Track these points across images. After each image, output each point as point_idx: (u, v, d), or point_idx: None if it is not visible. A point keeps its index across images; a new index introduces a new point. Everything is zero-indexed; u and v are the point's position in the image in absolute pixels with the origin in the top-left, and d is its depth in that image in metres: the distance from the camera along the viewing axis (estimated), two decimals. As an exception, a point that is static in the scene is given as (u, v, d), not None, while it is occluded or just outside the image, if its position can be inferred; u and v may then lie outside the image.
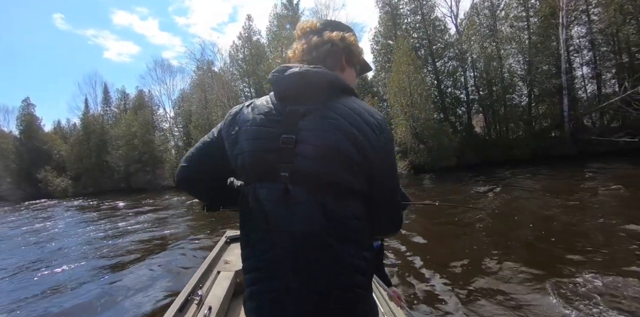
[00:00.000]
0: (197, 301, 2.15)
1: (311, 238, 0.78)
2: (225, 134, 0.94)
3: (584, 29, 19.52)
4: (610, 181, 9.56)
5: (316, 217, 0.78)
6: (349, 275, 0.80)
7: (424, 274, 4.27)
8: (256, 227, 0.84)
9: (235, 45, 29.97)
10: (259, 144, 0.83)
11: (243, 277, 2.24)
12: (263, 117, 0.86)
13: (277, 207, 0.80)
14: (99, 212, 15.88)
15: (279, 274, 0.80)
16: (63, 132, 44.58)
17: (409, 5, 24.88)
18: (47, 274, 5.88)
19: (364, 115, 0.84)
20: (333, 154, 0.79)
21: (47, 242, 9.10)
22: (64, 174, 36.54)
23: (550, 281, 3.70)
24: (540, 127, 19.85)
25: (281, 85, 0.87)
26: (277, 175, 0.80)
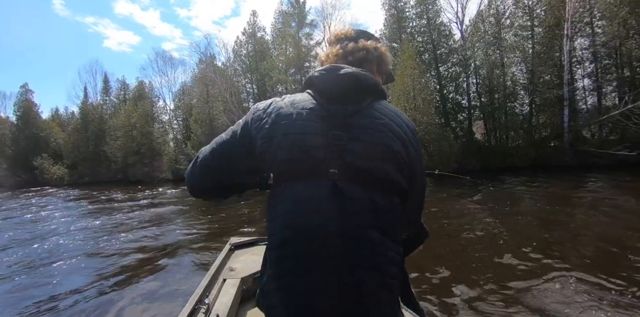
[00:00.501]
0: (204, 309, 2.14)
1: (359, 232, 0.80)
2: (255, 128, 0.91)
3: (587, 41, 19.70)
4: (604, 193, 9.81)
5: (367, 212, 0.81)
6: (391, 267, 0.85)
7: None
8: (292, 222, 0.83)
9: (240, 40, 29.99)
10: (305, 139, 0.84)
11: (250, 284, 2.28)
12: (309, 112, 0.87)
13: (326, 203, 0.80)
14: (95, 204, 15.65)
15: (313, 265, 0.80)
16: (61, 120, 44.19)
17: (415, 8, 25.02)
18: (39, 278, 5.47)
19: (404, 118, 0.93)
20: (387, 152, 0.84)
21: (38, 239, 8.42)
22: (61, 162, 36.29)
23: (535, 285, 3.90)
24: (539, 136, 20.05)
25: (332, 84, 0.89)
26: (324, 171, 0.81)
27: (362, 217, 0.80)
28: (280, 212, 0.85)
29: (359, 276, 0.79)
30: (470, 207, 9.64)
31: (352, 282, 0.79)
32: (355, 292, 0.79)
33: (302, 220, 0.81)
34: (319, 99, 0.89)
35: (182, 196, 16.97)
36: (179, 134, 34.19)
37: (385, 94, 0.97)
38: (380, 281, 0.82)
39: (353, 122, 0.85)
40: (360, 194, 0.81)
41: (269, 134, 0.87)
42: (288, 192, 0.84)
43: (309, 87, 0.95)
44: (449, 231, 6.97)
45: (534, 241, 5.64)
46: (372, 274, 0.81)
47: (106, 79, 39.75)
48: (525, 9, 21.32)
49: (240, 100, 28.06)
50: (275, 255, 0.85)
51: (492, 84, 21.57)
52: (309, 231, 0.80)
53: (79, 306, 4.26)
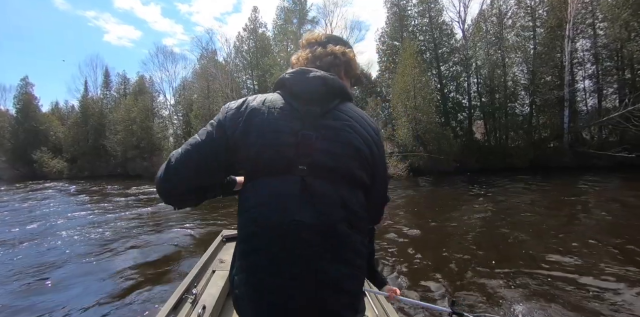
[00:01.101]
0: (191, 299, 2.16)
1: (330, 226, 0.83)
2: (230, 127, 0.92)
3: (588, 42, 19.74)
4: (601, 196, 9.92)
5: (336, 206, 0.85)
6: (359, 260, 0.89)
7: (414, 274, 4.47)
8: (263, 217, 0.85)
9: (241, 36, 29.90)
10: (277, 137, 0.87)
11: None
12: (280, 112, 0.90)
13: (295, 198, 0.83)
14: (94, 197, 15.69)
15: (288, 262, 0.82)
16: (61, 114, 44.05)
17: (417, 7, 24.99)
18: (33, 266, 5.54)
19: (367, 119, 0.98)
20: (351, 151, 0.89)
21: (36, 229, 8.56)
22: (60, 156, 36.25)
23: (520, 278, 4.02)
24: (539, 137, 20.11)
25: (301, 86, 0.93)
26: (293, 168, 0.85)
27: (332, 211, 0.84)
28: (250, 206, 0.88)
29: (334, 270, 0.83)
30: (466, 204, 9.77)
31: (328, 278, 0.82)
32: (333, 287, 0.83)
33: (274, 215, 0.83)
34: (289, 100, 0.93)
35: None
36: (179, 130, 34.11)
37: (351, 97, 1.01)
38: (350, 274, 0.86)
39: (321, 123, 0.90)
40: (328, 189, 0.86)
41: (243, 131, 0.89)
42: (259, 187, 0.87)
43: (280, 88, 0.99)
44: (441, 227, 7.05)
45: (524, 238, 5.79)
46: (344, 267, 0.85)
47: (107, 73, 39.64)
48: (527, 10, 21.36)
49: (241, 96, 27.90)
50: (244, 248, 0.88)
51: (493, 84, 21.61)
52: (282, 228, 0.82)
53: (68, 294, 4.30)
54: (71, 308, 3.96)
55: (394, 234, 6.51)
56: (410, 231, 6.72)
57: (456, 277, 4.32)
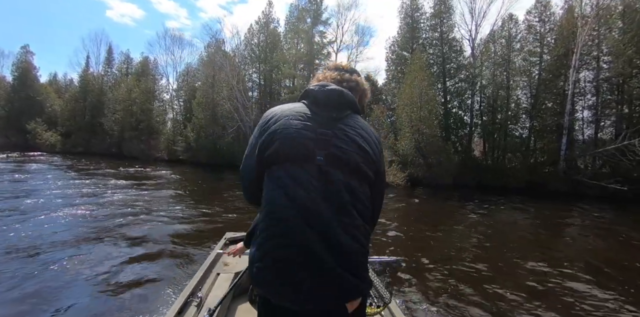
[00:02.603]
0: (196, 303, 2.17)
1: (341, 207, 1.03)
2: (264, 130, 1.14)
3: (591, 74, 20.30)
4: (588, 225, 10.40)
5: (344, 192, 1.04)
6: (364, 240, 1.08)
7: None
8: (289, 195, 1.03)
9: (253, 28, 29.89)
10: (300, 133, 1.07)
11: (243, 278, 2.42)
12: (303, 115, 1.11)
13: (314, 182, 1.03)
14: (88, 177, 15.26)
15: (306, 234, 1.00)
16: (58, 86, 43.52)
17: (429, 21, 25.35)
18: (25, 266, 5.01)
19: (371, 129, 1.21)
20: (358, 149, 1.10)
21: (26, 219, 7.53)
22: (54, 129, 35.85)
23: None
24: (535, 161, 20.65)
25: (323, 94, 1.16)
26: (313, 158, 1.05)
27: (342, 196, 1.04)
28: (276, 186, 1.06)
29: (345, 239, 1.02)
30: (458, 218, 10.25)
31: (340, 245, 1.01)
32: (343, 254, 1.01)
33: (295, 193, 1.02)
34: (312, 107, 1.15)
35: (178, 179, 17.12)
36: (179, 115, 33.98)
37: (359, 111, 1.24)
38: (357, 247, 1.05)
39: (336, 125, 1.12)
40: (340, 177, 1.05)
41: (273, 130, 1.10)
42: (284, 172, 1.06)
43: (304, 98, 1.20)
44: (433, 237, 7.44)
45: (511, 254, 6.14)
46: (350, 239, 1.03)
47: (110, 50, 39.28)
48: (536, 36, 21.86)
49: (246, 88, 28.04)
50: (273, 217, 1.05)
51: (495, 104, 22.11)
52: (302, 203, 1.01)
53: (67, 296, 4.11)
54: (67, 309, 3.82)
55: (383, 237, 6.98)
56: (397, 235, 7.26)
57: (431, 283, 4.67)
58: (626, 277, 5.43)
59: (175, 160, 28.83)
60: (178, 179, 16.98)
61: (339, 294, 1.03)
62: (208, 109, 28.03)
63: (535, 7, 21.95)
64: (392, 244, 6.81)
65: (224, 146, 26.58)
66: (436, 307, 4.10)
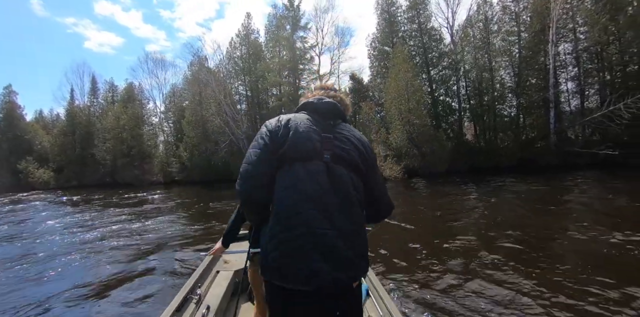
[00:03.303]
0: (195, 300, 2.19)
1: (347, 197, 1.22)
2: (276, 134, 1.29)
3: (570, 46, 20.66)
4: (586, 192, 10.60)
5: (349, 185, 1.24)
6: (361, 227, 1.27)
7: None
8: (300, 188, 1.20)
9: (234, 42, 30.09)
10: (309, 136, 1.26)
11: (242, 276, 2.51)
12: (307, 122, 1.31)
13: (323, 177, 1.21)
14: (85, 207, 15.30)
15: (321, 223, 1.16)
16: (45, 122, 43.22)
17: (406, 13, 25.75)
18: (33, 266, 5.63)
19: (359, 133, 1.43)
20: (354, 149, 1.31)
21: (30, 238, 8.41)
22: (46, 165, 35.41)
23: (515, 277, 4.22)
24: (526, 137, 20.87)
25: (321, 105, 1.39)
26: (321, 156, 1.24)
27: (347, 188, 1.23)
28: (290, 181, 1.22)
29: (348, 225, 1.20)
30: (458, 203, 10.32)
31: (347, 231, 1.19)
32: (347, 238, 1.18)
33: (308, 186, 1.20)
34: (313, 115, 1.36)
35: (174, 200, 16.89)
36: (170, 137, 33.85)
37: (347, 120, 1.47)
38: (358, 231, 1.24)
39: (333, 130, 1.33)
40: (344, 173, 1.25)
41: (285, 134, 1.27)
42: (298, 168, 1.23)
43: (303, 109, 1.41)
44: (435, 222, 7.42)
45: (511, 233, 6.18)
46: (352, 225, 1.22)
47: (94, 80, 39.10)
48: (512, 15, 22.25)
49: (234, 102, 28.07)
50: (287, 212, 1.19)
51: (481, 87, 22.39)
52: (315, 195, 1.19)
53: (69, 299, 4.26)
54: (71, 308, 3.94)
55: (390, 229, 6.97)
56: (404, 226, 7.21)
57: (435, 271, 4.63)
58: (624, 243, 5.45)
59: (170, 182, 28.64)
60: (174, 200, 16.72)
61: (351, 275, 1.19)
62: (198, 127, 27.96)
63: (508, -13, 22.33)
64: (392, 235, 6.84)
65: (218, 162, 26.47)
66: (432, 289, 4.07)
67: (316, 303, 1.17)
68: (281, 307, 1.22)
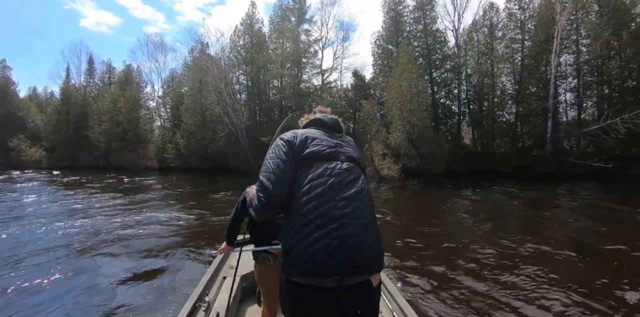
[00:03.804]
0: (204, 307, 2.20)
1: (362, 190, 1.38)
2: (293, 144, 1.44)
3: (571, 57, 20.95)
4: (576, 201, 11.01)
5: (360, 180, 1.42)
6: (375, 218, 1.42)
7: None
8: (329, 185, 1.33)
9: (237, 31, 29.78)
10: (326, 142, 1.47)
11: (250, 281, 2.70)
12: (320, 133, 1.52)
13: (343, 172, 1.39)
14: (79, 191, 14.86)
15: (345, 216, 1.28)
16: (39, 100, 42.45)
17: (412, 13, 25.74)
18: (22, 276, 4.99)
19: (353, 142, 1.65)
20: (357, 153, 1.55)
21: (18, 235, 7.44)
22: (38, 144, 35.01)
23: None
24: (523, 145, 21.24)
25: (329, 121, 1.63)
26: (338, 157, 1.44)
27: (361, 182, 1.41)
28: (313, 178, 1.35)
29: (369, 215, 1.36)
30: (452, 204, 10.61)
31: (367, 222, 1.33)
32: (369, 228, 1.33)
33: (330, 181, 1.34)
34: (323, 129, 1.59)
35: (171, 187, 16.99)
36: (167, 122, 33.61)
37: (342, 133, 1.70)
38: (375, 222, 1.39)
39: (341, 139, 1.57)
40: (356, 168, 1.45)
41: (303, 142, 1.45)
42: (319, 167, 1.38)
43: (313, 124, 1.63)
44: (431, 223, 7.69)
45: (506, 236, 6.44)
46: (372, 216, 1.39)
47: (91, 60, 38.50)
48: (517, 23, 22.45)
49: (234, 91, 27.91)
50: (314, 205, 1.30)
51: (482, 92, 22.63)
52: (338, 188, 1.34)
53: (74, 304, 4.09)
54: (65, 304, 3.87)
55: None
56: (393, 224, 7.64)
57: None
58: (614, 254, 5.75)
59: (165, 168, 28.61)
60: (171, 187, 16.82)
61: (373, 266, 1.30)
62: (197, 114, 27.84)
63: (515, -5, 22.50)
64: (388, 233, 7.08)
65: (216, 150, 26.46)
66: (431, 289, 4.27)
67: (341, 299, 1.25)
68: (303, 305, 1.29)
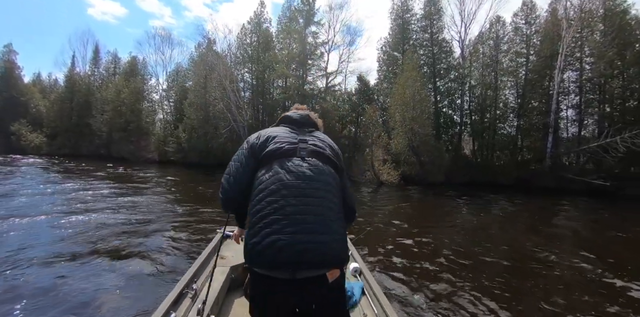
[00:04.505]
0: (191, 294, 2.21)
1: (324, 185, 1.37)
2: (255, 144, 1.49)
3: (575, 74, 21.22)
4: (574, 218, 11.12)
5: (325, 174, 1.40)
6: (341, 213, 1.41)
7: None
8: (282, 179, 1.34)
9: (245, 29, 29.95)
10: (287, 139, 1.47)
11: (239, 273, 2.76)
12: (285, 131, 1.54)
13: (302, 168, 1.37)
14: (77, 178, 14.83)
15: (301, 211, 1.28)
16: (42, 86, 42.49)
17: (420, 22, 25.99)
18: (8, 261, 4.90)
19: (328, 138, 1.64)
20: (329, 147, 1.52)
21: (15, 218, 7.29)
22: (40, 130, 35.05)
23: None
24: (522, 158, 21.45)
25: (298, 116, 1.65)
26: (298, 153, 1.42)
27: (321, 176, 1.39)
28: (270, 175, 1.37)
29: (323, 210, 1.33)
30: (449, 214, 10.78)
31: (321, 215, 1.31)
32: (323, 221, 1.31)
33: (287, 177, 1.34)
34: (291, 126, 1.60)
35: (171, 180, 17.04)
36: (169, 116, 33.70)
37: (319, 129, 1.72)
38: (336, 218, 1.37)
39: (309, 135, 1.56)
40: (320, 163, 1.43)
41: (264, 142, 1.48)
42: (276, 165, 1.39)
43: (283, 122, 1.66)
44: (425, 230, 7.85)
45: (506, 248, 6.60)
46: (329, 211, 1.35)
47: (97, 49, 38.60)
48: (522, 37, 22.72)
49: (239, 88, 28.06)
50: (266, 200, 1.32)
51: (484, 103, 22.82)
52: (294, 184, 1.33)
53: (62, 291, 4.05)
54: (64, 301, 3.76)
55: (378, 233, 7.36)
56: (391, 231, 7.65)
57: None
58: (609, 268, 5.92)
59: (166, 161, 28.64)
60: (171, 180, 16.85)
61: (328, 262, 1.29)
62: (200, 110, 27.95)
63: (522, 10, 22.81)
64: (387, 239, 7.15)
65: (217, 146, 26.59)
66: (419, 293, 4.35)
67: (295, 290, 1.27)
68: (260, 292, 1.34)
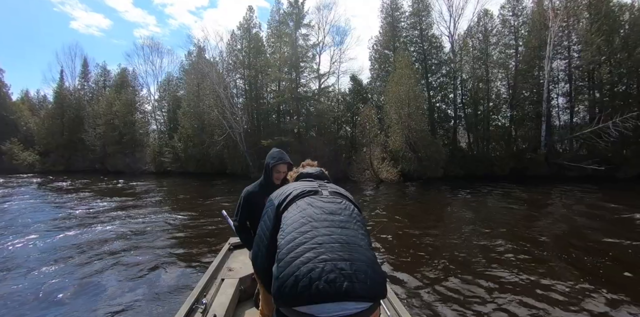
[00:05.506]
0: (201, 309, 2.21)
1: (352, 218, 1.40)
2: (281, 202, 1.53)
3: (563, 63, 21.58)
4: (571, 202, 11.46)
5: (349, 209, 1.45)
6: (371, 246, 1.37)
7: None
8: (312, 215, 1.37)
9: (235, 35, 29.95)
10: (311, 184, 1.65)
11: (248, 284, 2.87)
12: (307, 181, 1.73)
13: (329, 204, 1.45)
14: (74, 195, 14.75)
15: (335, 247, 1.22)
16: (31, 103, 41.97)
17: (409, 19, 26.25)
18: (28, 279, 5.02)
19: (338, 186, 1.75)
20: (345, 192, 1.63)
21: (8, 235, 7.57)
22: (31, 148, 34.55)
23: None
24: (517, 148, 21.75)
25: (314, 171, 1.88)
26: (321, 193, 1.54)
27: (348, 211, 1.43)
28: (298, 211, 1.42)
29: (359, 240, 1.29)
30: (450, 207, 11.07)
31: (356, 245, 1.26)
32: (356, 249, 1.24)
33: (316, 211, 1.39)
34: (309, 179, 1.80)
35: (169, 190, 17.08)
36: (163, 126, 33.50)
37: (329, 180, 1.88)
38: (367, 245, 1.31)
39: (327, 184, 1.70)
40: (340, 199, 1.52)
41: (286, 196, 1.55)
42: (303, 202, 1.48)
43: (300, 178, 1.85)
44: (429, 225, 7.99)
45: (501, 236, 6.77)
46: (361, 240, 1.29)
47: (85, 63, 38.18)
48: (511, 29, 23.09)
49: (232, 95, 28.00)
50: (301, 239, 1.26)
51: (477, 96, 23.10)
52: (321, 217, 1.36)
53: (72, 306, 4.14)
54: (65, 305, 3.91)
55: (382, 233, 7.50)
56: (392, 228, 7.79)
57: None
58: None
59: (162, 172, 28.51)
60: (170, 191, 16.86)
61: (369, 299, 1.16)
62: (194, 119, 27.87)
63: (509, 2, 23.21)
64: (387, 235, 7.32)
65: (214, 154, 26.51)
66: (430, 293, 4.48)
67: None
68: None
